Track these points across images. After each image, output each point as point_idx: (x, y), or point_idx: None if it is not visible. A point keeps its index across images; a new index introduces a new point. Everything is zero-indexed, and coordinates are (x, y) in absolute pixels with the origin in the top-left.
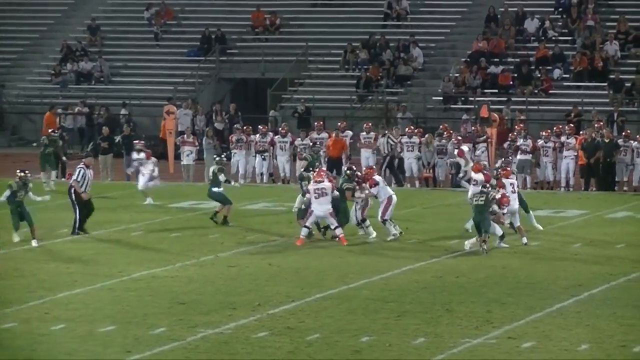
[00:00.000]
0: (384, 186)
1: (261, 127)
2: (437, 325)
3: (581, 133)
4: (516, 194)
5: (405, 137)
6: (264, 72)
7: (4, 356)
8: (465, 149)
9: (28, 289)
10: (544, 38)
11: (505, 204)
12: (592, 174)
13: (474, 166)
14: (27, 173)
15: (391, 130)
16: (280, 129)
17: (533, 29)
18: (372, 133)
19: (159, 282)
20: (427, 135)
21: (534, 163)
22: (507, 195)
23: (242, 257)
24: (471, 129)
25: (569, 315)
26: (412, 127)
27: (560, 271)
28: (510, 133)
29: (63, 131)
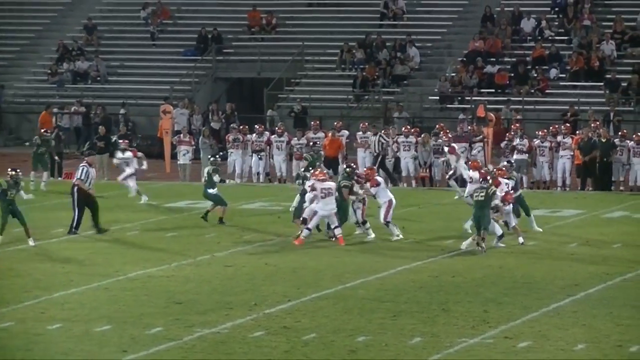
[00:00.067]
0: (385, 188)
1: (258, 127)
2: (433, 325)
3: (577, 133)
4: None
5: (401, 136)
6: (260, 71)
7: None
8: (456, 146)
9: (24, 289)
10: (540, 38)
11: (510, 201)
12: (589, 173)
13: (471, 164)
14: (19, 172)
15: (387, 130)
16: (277, 128)
17: (529, 29)
18: (368, 132)
19: (155, 282)
20: (423, 134)
21: (529, 163)
22: (510, 193)
23: (238, 256)
24: (468, 128)
25: (566, 315)
26: (409, 127)
27: (556, 271)
28: (508, 133)
29: (59, 130)
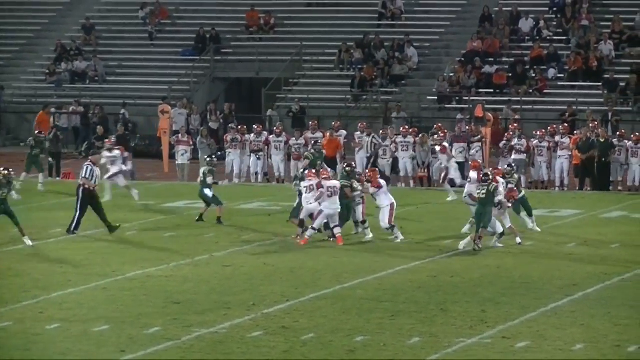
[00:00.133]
0: (386, 192)
1: (256, 127)
2: (431, 325)
3: (576, 133)
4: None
5: (399, 136)
6: (259, 71)
7: None
8: (448, 145)
9: (22, 289)
10: (538, 38)
11: (514, 198)
12: (587, 173)
13: (471, 164)
14: (11, 171)
15: (385, 130)
16: (275, 128)
17: (527, 29)
18: (362, 133)
19: (154, 282)
20: (421, 134)
21: (528, 163)
22: (514, 189)
23: (237, 256)
24: (466, 128)
25: (564, 315)
26: (407, 127)
27: (554, 271)
28: (507, 133)
29: (57, 130)
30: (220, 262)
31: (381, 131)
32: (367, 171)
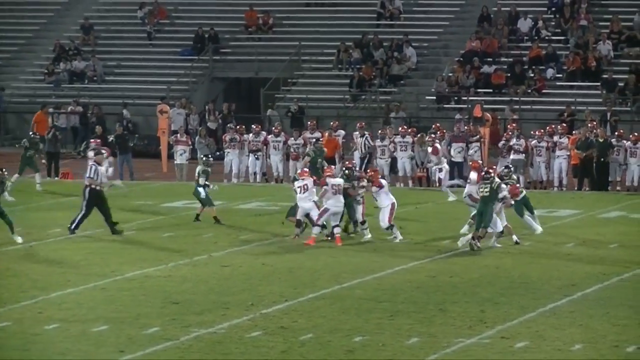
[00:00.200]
0: (387, 192)
1: (254, 127)
2: (430, 325)
3: (574, 133)
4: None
5: (398, 136)
6: (257, 71)
7: None
8: (439, 146)
9: (21, 289)
10: (537, 38)
11: (518, 195)
12: (586, 173)
13: (471, 164)
14: (4, 171)
15: (384, 130)
16: (274, 128)
17: (526, 29)
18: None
19: (152, 282)
20: (419, 134)
21: (526, 163)
22: (518, 186)
23: (235, 256)
24: (464, 128)
25: (562, 315)
26: (406, 127)
27: (553, 271)
28: (505, 133)
29: (56, 130)
30: (219, 262)
31: (380, 131)
32: (369, 170)
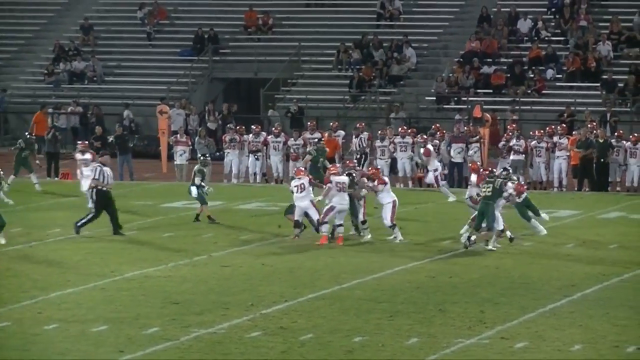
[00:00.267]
0: (389, 189)
1: (254, 127)
2: (430, 326)
3: (574, 133)
4: None
5: (398, 137)
6: (257, 72)
7: None
8: (431, 148)
9: (21, 289)
10: (536, 38)
11: (523, 192)
12: (586, 174)
13: (470, 166)
14: (0, 172)
15: (384, 131)
16: (274, 128)
17: (526, 29)
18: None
19: (152, 282)
20: (419, 135)
21: (525, 163)
22: (522, 184)
23: (235, 256)
24: (464, 129)
25: (562, 316)
26: (405, 127)
27: (553, 271)
28: (505, 133)
29: (56, 131)
30: (219, 262)
31: (380, 131)
32: (370, 169)
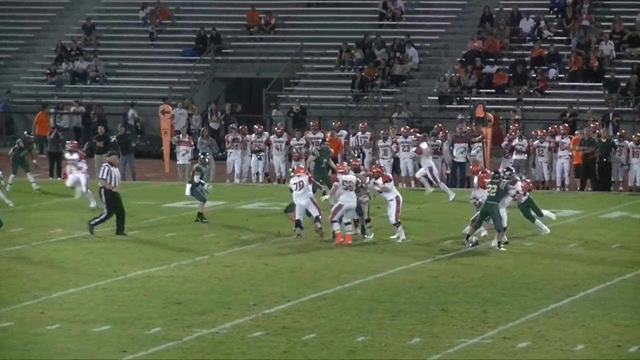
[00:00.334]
0: (392, 186)
1: (257, 127)
2: (432, 325)
3: (576, 133)
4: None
5: (400, 137)
6: (259, 71)
7: None
8: (424, 146)
9: (22, 289)
10: (539, 38)
11: (530, 190)
12: (588, 174)
13: (471, 168)
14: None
15: (387, 131)
16: (276, 128)
17: (528, 29)
18: (367, 133)
19: (154, 282)
20: (422, 135)
21: (528, 163)
22: (529, 181)
23: (237, 256)
24: (466, 128)
25: (564, 316)
26: (408, 127)
27: (555, 271)
28: (508, 133)
29: (58, 131)
30: (221, 262)
31: (382, 131)
32: (373, 167)
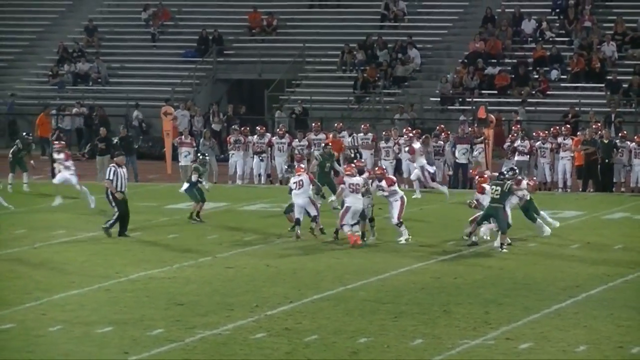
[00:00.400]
0: (396, 187)
1: (259, 128)
2: (434, 327)
3: (578, 134)
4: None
5: (402, 138)
6: (261, 73)
7: (1, 357)
8: (417, 145)
9: (24, 290)
10: (541, 39)
11: (536, 188)
12: (590, 175)
13: (471, 171)
14: None
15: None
16: (278, 130)
17: (530, 30)
18: (369, 134)
19: (156, 283)
20: (424, 136)
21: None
22: (535, 179)
23: (239, 258)
24: (468, 130)
25: (567, 317)
26: (410, 128)
27: (557, 272)
28: (510, 134)
29: (60, 132)
30: (223, 263)
31: (384, 132)
32: (377, 169)
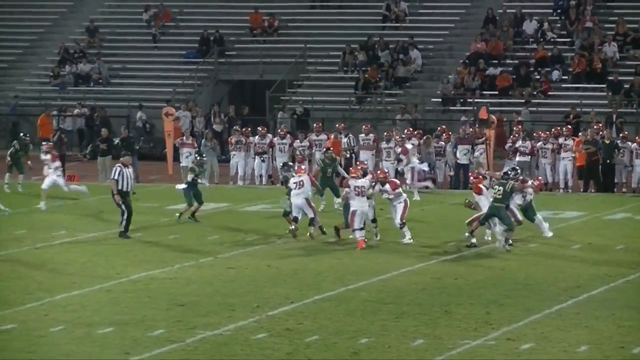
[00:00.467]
0: (400, 190)
1: (260, 129)
2: (436, 327)
3: (580, 135)
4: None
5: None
6: (262, 73)
7: (2, 358)
8: (409, 146)
9: (26, 291)
10: (542, 39)
11: (541, 186)
12: (591, 175)
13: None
14: None
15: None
16: (279, 130)
17: (531, 31)
18: (371, 135)
19: (158, 284)
20: (425, 137)
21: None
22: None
23: (240, 258)
24: (470, 130)
25: (568, 317)
26: (411, 129)
27: (558, 272)
28: (511, 135)
29: (62, 133)
30: (224, 264)
31: (385, 133)
32: (379, 172)
